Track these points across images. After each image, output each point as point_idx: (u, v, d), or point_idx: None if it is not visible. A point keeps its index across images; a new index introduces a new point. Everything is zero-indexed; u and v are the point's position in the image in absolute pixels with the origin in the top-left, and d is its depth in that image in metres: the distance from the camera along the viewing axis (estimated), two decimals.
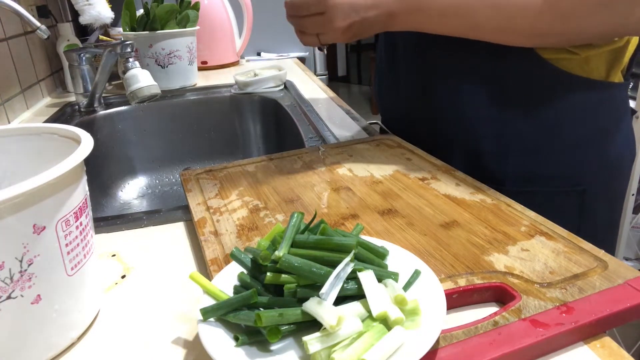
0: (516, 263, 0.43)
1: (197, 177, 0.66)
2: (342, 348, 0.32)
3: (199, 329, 0.35)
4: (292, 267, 0.35)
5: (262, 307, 0.35)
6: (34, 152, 0.46)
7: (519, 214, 0.51)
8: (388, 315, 0.34)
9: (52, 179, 0.34)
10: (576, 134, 0.65)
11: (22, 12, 0.86)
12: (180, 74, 1.32)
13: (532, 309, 0.37)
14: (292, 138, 0.98)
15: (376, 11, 0.61)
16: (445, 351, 0.34)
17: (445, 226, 0.50)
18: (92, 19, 1.13)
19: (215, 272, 0.44)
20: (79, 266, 0.39)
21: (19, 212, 0.33)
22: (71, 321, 0.39)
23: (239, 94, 1.25)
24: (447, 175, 0.61)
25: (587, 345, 0.36)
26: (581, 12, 0.54)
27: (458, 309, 0.40)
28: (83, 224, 0.39)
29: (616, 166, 0.69)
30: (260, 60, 1.80)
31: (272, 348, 0.34)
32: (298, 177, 0.64)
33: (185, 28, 1.29)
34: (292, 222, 0.38)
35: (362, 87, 5.53)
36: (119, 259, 0.52)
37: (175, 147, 1.23)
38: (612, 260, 0.42)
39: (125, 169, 1.18)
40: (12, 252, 0.33)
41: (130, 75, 1.00)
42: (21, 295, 0.34)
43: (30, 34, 1.18)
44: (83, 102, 1.14)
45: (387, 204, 0.55)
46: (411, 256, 0.41)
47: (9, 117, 1.04)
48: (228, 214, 0.55)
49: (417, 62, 0.73)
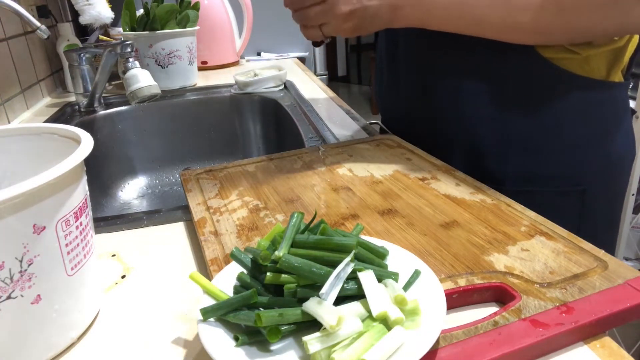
0: (516, 263, 0.43)
1: (197, 177, 0.66)
2: (342, 348, 0.32)
3: (199, 329, 0.35)
4: (292, 267, 0.35)
5: (262, 307, 0.35)
6: (34, 152, 0.46)
7: (519, 214, 0.51)
8: (388, 315, 0.34)
9: (52, 179, 0.34)
10: (576, 133, 0.65)
11: (22, 12, 0.86)
12: (180, 74, 1.32)
13: (532, 309, 0.37)
14: (292, 138, 0.98)
15: (379, 1, 0.62)
16: (445, 351, 0.34)
17: (445, 226, 0.50)
18: (92, 19, 1.13)
19: (215, 272, 0.44)
20: (79, 266, 0.39)
21: (19, 212, 0.33)
22: (71, 321, 0.39)
23: (239, 94, 1.25)
24: (447, 175, 0.61)
25: (587, 345, 0.36)
26: (582, 8, 0.54)
27: (458, 309, 0.40)
28: (83, 224, 0.39)
29: (616, 166, 0.69)
30: (260, 60, 1.80)
31: (272, 348, 0.34)
32: (298, 177, 0.64)
33: (185, 28, 1.29)
34: (292, 222, 0.38)
35: (362, 87, 5.53)
36: (119, 259, 0.52)
37: (175, 147, 1.23)
38: (612, 260, 0.42)
39: (125, 169, 1.18)
40: (12, 252, 0.33)
41: (130, 75, 1.00)
42: (21, 295, 0.34)
43: (30, 34, 1.18)
44: (83, 102, 1.14)
45: (387, 204, 0.55)
46: (411, 256, 0.41)
47: (9, 117, 1.04)
48: (228, 214, 0.55)
49: (417, 62, 0.73)
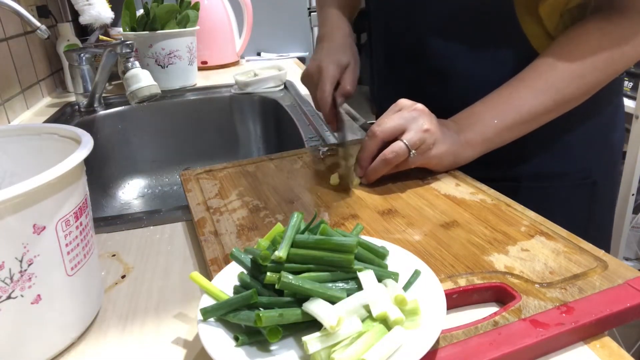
0: (516, 263, 0.43)
1: (197, 177, 0.66)
2: (342, 348, 0.32)
3: (199, 329, 0.35)
4: (290, 287, 0.34)
5: (262, 307, 0.35)
6: (34, 152, 0.46)
7: (519, 214, 0.51)
8: (388, 315, 0.34)
9: (52, 179, 0.34)
10: (585, 127, 0.67)
11: (22, 12, 0.86)
12: (180, 74, 1.32)
13: (532, 309, 0.37)
14: (292, 138, 0.97)
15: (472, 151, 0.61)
16: (445, 351, 0.34)
17: (445, 226, 0.50)
18: (92, 19, 1.13)
19: (215, 272, 0.44)
20: (79, 266, 0.39)
21: (19, 212, 0.33)
22: (71, 321, 0.39)
23: (239, 94, 1.25)
24: (447, 175, 0.61)
25: (587, 345, 0.36)
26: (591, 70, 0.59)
27: (458, 309, 0.40)
28: (83, 224, 0.39)
29: (618, 153, 0.73)
30: (260, 60, 1.80)
31: (272, 348, 0.34)
32: (298, 177, 0.64)
33: (185, 28, 1.29)
34: (292, 222, 0.38)
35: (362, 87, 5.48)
36: (119, 259, 0.52)
37: (175, 147, 1.23)
38: (612, 260, 0.42)
39: (125, 169, 1.18)
40: (12, 252, 0.33)
41: (130, 75, 1.00)
42: (21, 295, 0.34)
43: (30, 34, 1.18)
44: (83, 102, 1.14)
45: (387, 204, 0.55)
46: (411, 256, 0.41)
47: (9, 117, 1.04)
48: (228, 214, 0.55)
49: (417, 62, 0.73)
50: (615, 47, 0.57)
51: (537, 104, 0.59)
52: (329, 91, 0.67)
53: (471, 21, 0.65)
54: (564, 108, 0.60)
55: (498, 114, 0.60)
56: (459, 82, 0.68)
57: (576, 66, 0.58)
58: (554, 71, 0.59)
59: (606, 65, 0.58)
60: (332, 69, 0.68)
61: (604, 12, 0.59)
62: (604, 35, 0.58)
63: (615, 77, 0.61)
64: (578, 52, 0.58)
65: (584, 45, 0.58)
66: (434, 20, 0.67)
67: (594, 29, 0.58)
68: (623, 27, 0.57)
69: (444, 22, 0.67)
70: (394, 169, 0.59)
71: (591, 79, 0.59)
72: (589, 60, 0.58)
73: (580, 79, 0.59)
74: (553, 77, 0.58)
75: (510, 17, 0.62)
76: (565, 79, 0.58)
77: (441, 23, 0.67)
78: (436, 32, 0.67)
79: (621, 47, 0.57)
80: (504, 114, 0.60)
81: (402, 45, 0.75)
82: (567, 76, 0.58)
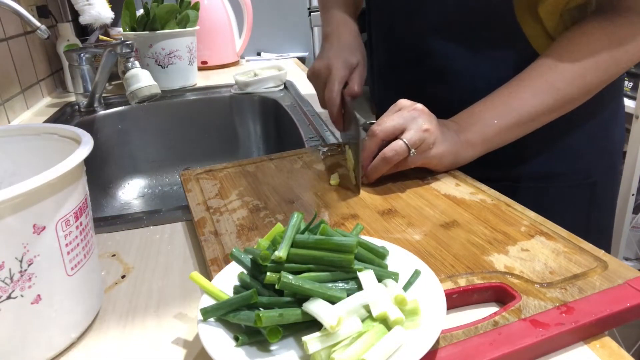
0: (516, 263, 0.43)
1: (197, 177, 0.66)
2: (342, 348, 0.32)
3: (199, 329, 0.35)
4: (291, 287, 0.34)
5: (262, 307, 0.35)
6: (34, 152, 0.46)
7: (519, 214, 0.51)
8: (388, 315, 0.34)
9: (52, 179, 0.34)
10: (586, 127, 0.67)
11: (22, 12, 0.86)
12: (180, 74, 1.32)
13: (532, 309, 0.37)
14: (292, 138, 0.97)
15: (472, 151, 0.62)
16: (445, 351, 0.34)
17: (445, 226, 0.50)
18: (92, 19, 1.13)
19: (215, 272, 0.44)
20: (79, 266, 0.39)
21: (19, 212, 0.33)
22: (71, 321, 0.39)
23: (239, 94, 1.25)
24: (447, 175, 0.61)
25: (587, 345, 0.36)
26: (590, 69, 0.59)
27: (458, 309, 0.40)
28: (83, 224, 0.39)
29: (618, 152, 0.73)
30: (260, 60, 1.80)
31: (272, 348, 0.34)
32: (298, 177, 0.64)
33: (185, 28, 1.29)
34: (292, 222, 0.38)
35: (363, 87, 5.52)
36: (119, 259, 0.52)
37: (175, 147, 1.23)
38: (612, 260, 0.42)
39: (125, 169, 1.18)
40: (12, 252, 0.33)
41: (130, 75, 1.00)
42: (21, 295, 0.34)
43: (30, 34, 1.18)
44: (83, 102, 1.14)
45: (387, 204, 0.55)
46: (411, 256, 0.41)
47: (9, 117, 1.04)
48: (228, 214, 0.55)
49: (417, 62, 0.73)
50: (616, 47, 0.57)
51: (538, 104, 0.59)
52: (338, 91, 0.67)
53: (471, 21, 0.65)
54: (564, 108, 0.60)
55: (498, 114, 0.60)
56: (459, 82, 0.68)
57: (577, 66, 0.58)
58: (554, 71, 0.58)
59: (607, 65, 0.58)
60: (341, 68, 0.67)
61: (605, 12, 0.59)
62: (606, 35, 0.58)
63: (616, 78, 0.61)
64: (579, 52, 0.58)
65: (585, 45, 0.58)
66: (434, 20, 0.67)
67: (596, 30, 0.58)
68: (624, 28, 0.57)
69: (444, 22, 0.67)
70: (394, 168, 0.59)
71: (592, 80, 0.59)
72: (590, 61, 0.58)
73: (581, 79, 0.58)
74: (554, 77, 0.58)
75: (510, 17, 0.62)
76: (566, 79, 0.58)
77: (441, 23, 0.67)
78: (436, 32, 0.67)
79: (623, 48, 0.57)
80: (504, 114, 0.60)
81: (402, 45, 0.75)
82: (568, 76, 0.58)
